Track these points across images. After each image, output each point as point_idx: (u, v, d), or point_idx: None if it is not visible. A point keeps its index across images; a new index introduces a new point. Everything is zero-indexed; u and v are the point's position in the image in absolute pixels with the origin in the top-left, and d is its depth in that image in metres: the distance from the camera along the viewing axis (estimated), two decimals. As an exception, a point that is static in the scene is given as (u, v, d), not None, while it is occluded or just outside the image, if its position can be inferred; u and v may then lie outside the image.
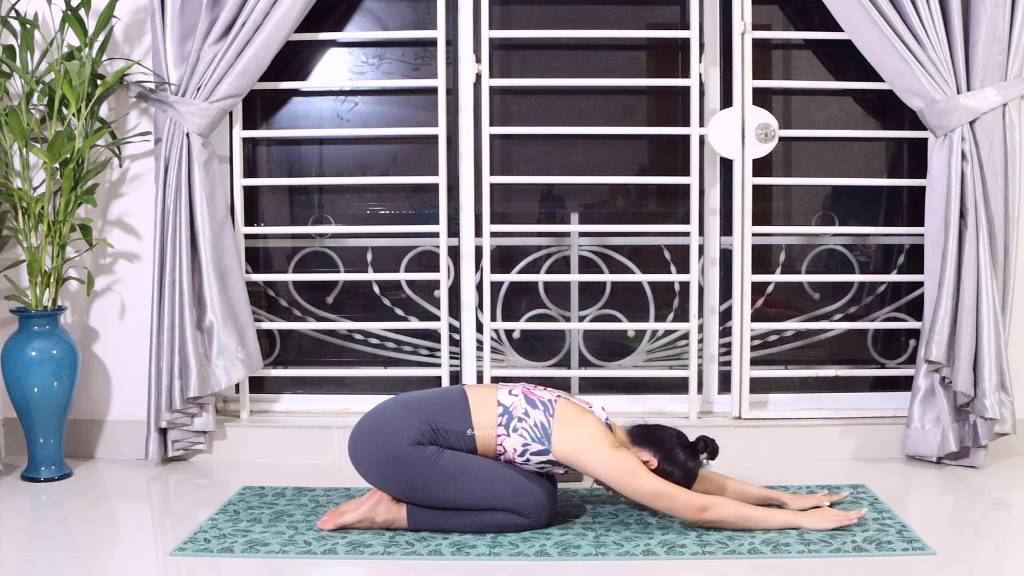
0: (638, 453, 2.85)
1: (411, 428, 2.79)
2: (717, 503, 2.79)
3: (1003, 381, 3.36)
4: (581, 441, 2.80)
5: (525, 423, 2.82)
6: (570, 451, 2.80)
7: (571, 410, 2.85)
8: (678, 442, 2.88)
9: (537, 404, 2.85)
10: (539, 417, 2.83)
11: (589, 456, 2.78)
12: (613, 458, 2.77)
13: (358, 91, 3.77)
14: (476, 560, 2.64)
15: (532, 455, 2.82)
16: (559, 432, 2.81)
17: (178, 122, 3.42)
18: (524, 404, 2.84)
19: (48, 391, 3.36)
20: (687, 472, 2.85)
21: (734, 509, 2.80)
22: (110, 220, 3.66)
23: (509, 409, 2.84)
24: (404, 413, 2.82)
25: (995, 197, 3.37)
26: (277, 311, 3.83)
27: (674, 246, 3.76)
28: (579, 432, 2.81)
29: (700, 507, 2.77)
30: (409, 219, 3.81)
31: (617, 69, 3.76)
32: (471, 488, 2.77)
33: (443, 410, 2.83)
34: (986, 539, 2.84)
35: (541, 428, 2.82)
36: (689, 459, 2.86)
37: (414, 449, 2.77)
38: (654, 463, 2.83)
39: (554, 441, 2.81)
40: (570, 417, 2.83)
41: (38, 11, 3.54)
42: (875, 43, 3.36)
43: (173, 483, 3.38)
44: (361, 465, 2.84)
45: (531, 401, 2.85)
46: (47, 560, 2.68)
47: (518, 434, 2.82)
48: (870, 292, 3.81)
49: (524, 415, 2.83)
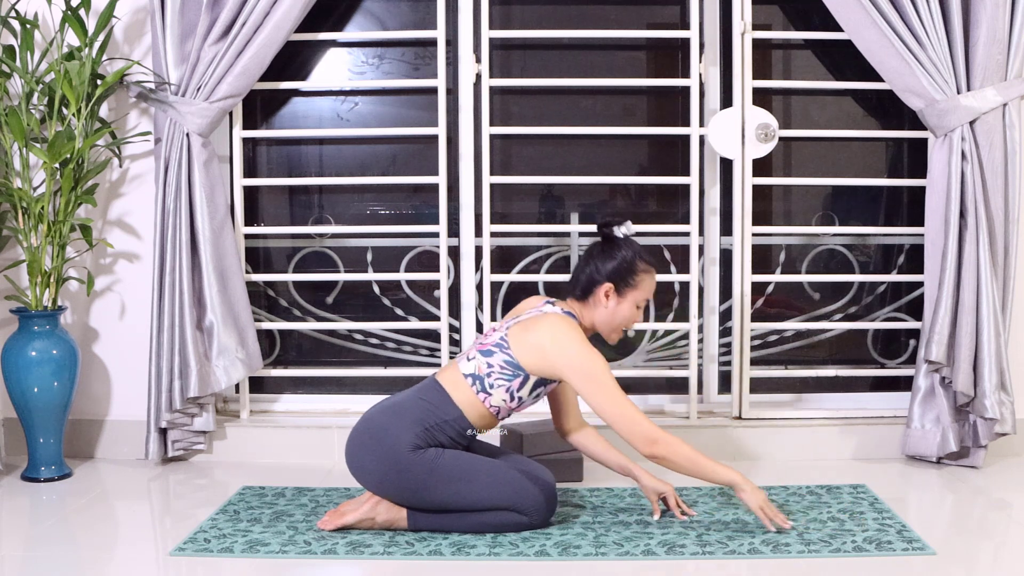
0: (599, 298, 2.86)
1: (406, 433, 2.78)
2: (670, 442, 2.74)
3: (1003, 381, 3.36)
4: (543, 344, 2.80)
5: (495, 373, 2.81)
6: (539, 361, 2.79)
7: (521, 327, 2.84)
8: (599, 254, 2.88)
9: (493, 349, 2.84)
10: (501, 358, 2.82)
11: (557, 358, 2.78)
12: (581, 359, 2.75)
13: (358, 91, 3.77)
14: (476, 560, 2.65)
15: (522, 392, 2.82)
16: (521, 352, 2.80)
17: (178, 122, 3.42)
18: (483, 359, 2.84)
19: (48, 391, 3.36)
20: (629, 257, 2.86)
21: (686, 452, 2.75)
22: (110, 220, 3.66)
23: (475, 374, 2.83)
24: (394, 419, 2.81)
25: (995, 197, 3.37)
26: (277, 311, 3.83)
27: (674, 246, 3.76)
28: (538, 337, 2.80)
29: (652, 439, 2.73)
30: (409, 219, 3.81)
31: (617, 69, 3.76)
32: (471, 489, 2.77)
33: (427, 406, 2.82)
34: (986, 539, 2.84)
35: (510, 365, 2.81)
36: (616, 250, 2.86)
37: (414, 455, 2.76)
38: (611, 287, 2.85)
39: (524, 364, 2.80)
40: (523, 333, 2.83)
41: (38, 11, 3.54)
42: (875, 43, 3.36)
43: (173, 483, 3.38)
44: (364, 478, 2.83)
45: (487, 352, 2.84)
46: (47, 560, 2.68)
47: (497, 387, 2.81)
48: (870, 292, 3.81)
49: (489, 367, 2.82)
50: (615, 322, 2.90)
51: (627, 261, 2.87)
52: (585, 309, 2.91)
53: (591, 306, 2.90)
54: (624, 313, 2.89)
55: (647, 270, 2.90)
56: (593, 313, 2.90)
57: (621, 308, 2.88)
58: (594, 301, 2.89)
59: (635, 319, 2.92)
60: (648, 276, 2.90)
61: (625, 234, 2.90)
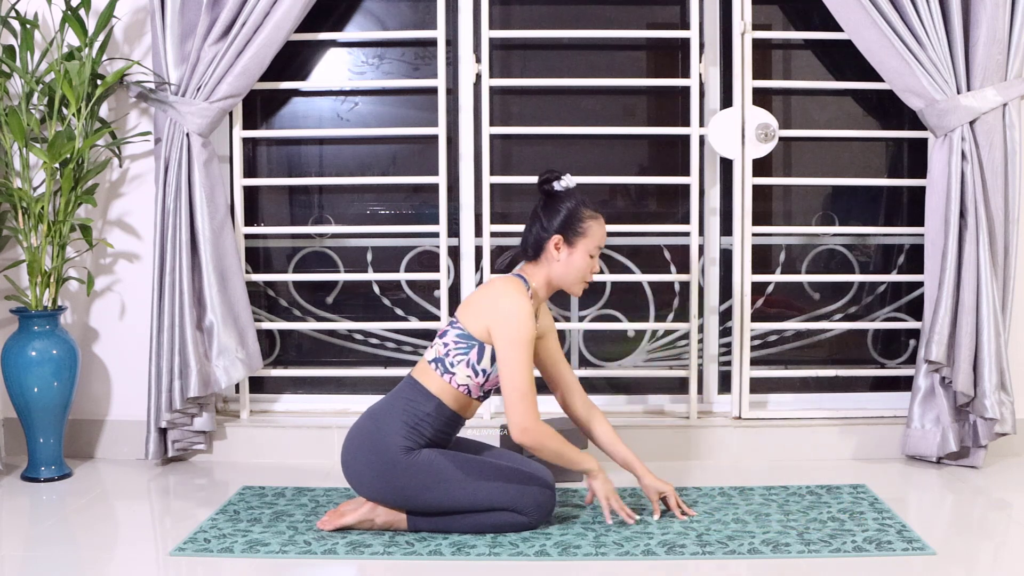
0: (551, 253, 2.87)
1: (394, 435, 2.78)
2: (539, 437, 2.78)
3: (1003, 381, 3.36)
4: (482, 305, 2.83)
5: (451, 350, 2.83)
6: (481, 325, 2.82)
7: (468, 299, 2.90)
8: (543, 210, 2.89)
9: (447, 330, 2.87)
10: (454, 334, 2.85)
11: (489, 315, 2.81)
12: (509, 320, 2.78)
13: (358, 91, 3.77)
14: (476, 560, 2.65)
15: (482, 363, 2.82)
16: (468, 321, 2.83)
17: (178, 122, 3.42)
18: (439, 341, 2.87)
19: (48, 391, 3.36)
20: (573, 207, 2.87)
21: (553, 447, 2.81)
22: (110, 220, 3.66)
23: (437, 358, 2.85)
24: (380, 424, 2.82)
25: (995, 197, 3.37)
26: (277, 311, 3.83)
27: (674, 246, 3.76)
28: (478, 299, 2.85)
29: (524, 428, 2.77)
30: (409, 219, 3.81)
31: (617, 69, 3.76)
32: (469, 490, 2.77)
33: (406, 403, 2.83)
34: (986, 539, 2.84)
35: (462, 338, 2.83)
36: (559, 203, 2.87)
37: (408, 458, 2.77)
38: (559, 239, 2.86)
39: (472, 332, 2.82)
40: (469, 303, 2.87)
41: (38, 11, 3.54)
42: (875, 43, 3.36)
43: (173, 483, 3.38)
44: (360, 487, 2.83)
45: (443, 334, 2.88)
46: (47, 560, 2.68)
47: (457, 364, 2.83)
48: (870, 292, 3.81)
49: (445, 347, 2.85)
50: (572, 274, 2.90)
51: (571, 211, 2.88)
52: (539, 268, 2.92)
53: (545, 263, 2.91)
54: (579, 263, 2.89)
55: (593, 216, 2.90)
56: (549, 269, 2.91)
57: (574, 259, 2.88)
58: (546, 257, 2.90)
59: (592, 268, 2.92)
60: (595, 223, 2.90)
61: (566, 186, 2.91)
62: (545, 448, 2.81)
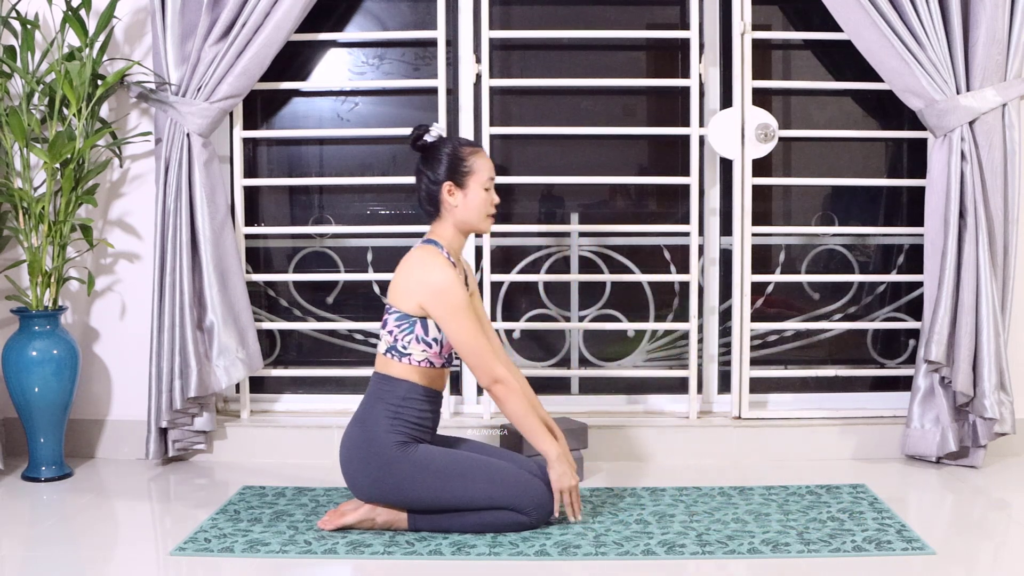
0: (447, 201, 2.88)
1: (382, 430, 2.79)
2: (511, 388, 2.81)
3: (1002, 381, 3.36)
4: (406, 283, 2.84)
5: (396, 333, 2.85)
6: (411, 300, 2.83)
7: (392, 281, 2.90)
8: (425, 165, 2.92)
9: (386, 318, 2.89)
10: (393, 318, 2.87)
11: (417, 289, 2.82)
12: (436, 286, 2.79)
13: (358, 91, 3.77)
14: (476, 560, 2.65)
15: (429, 335, 2.83)
16: (399, 301, 2.85)
17: (178, 122, 3.43)
18: (384, 331, 2.88)
19: (48, 391, 3.36)
20: (450, 150, 2.89)
21: (522, 407, 2.82)
22: (110, 220, 3.66)
23: (388, 347, 2.87)
24: (366, 425, 2.83)
25: (995, 197, 3.38)
26: (277, 311, 3.83)
27: (674, 246, 3.77)
28: (400, 279, 2.86)
29: (496, 378, 2.80)
30: (409, 219, 3.81)
31: (617, 69, 3.76)
32: (469, 487, 2.77)
33: (380, 396, 2.84)
34: (986, 539, 2.84)
35: (401, 319, 2.84)
36: (436, 152, 2.90)
37: (402, 453, 2.77)
38: (450, 184, 2.87)
39: (406, 310, 2.84)
40: (393, 285, 2.88)
41: (39, 11, 3.54)
42: (875, 43, 3.36)
43: (173, 483, 3.38)
44: (362, 491, 2.83)
45: (384, 323, 2.89)
46: (47, 560, 2.68)
47: (409, 344, 2.84)
48: (870, 292, 3.81)
49: (390, 333, 2.86)
50: (473, 212, 2.90)
51: (451, 155, 2.90)
52: (443, 222, 2.93)
53: (446, 214, 2.92)
54: (476, 201, 2.90)
55: (473, 152, 2.92)
56: (452, 218, 2.91)
57: (470, 198, 2.89)
58: (445, 208, 2.91)
59: (492, 200, 2.93)
60: (476, 156, 2.91)
61: (438, 134, 2.93)
62: (509, 404, 2.82)
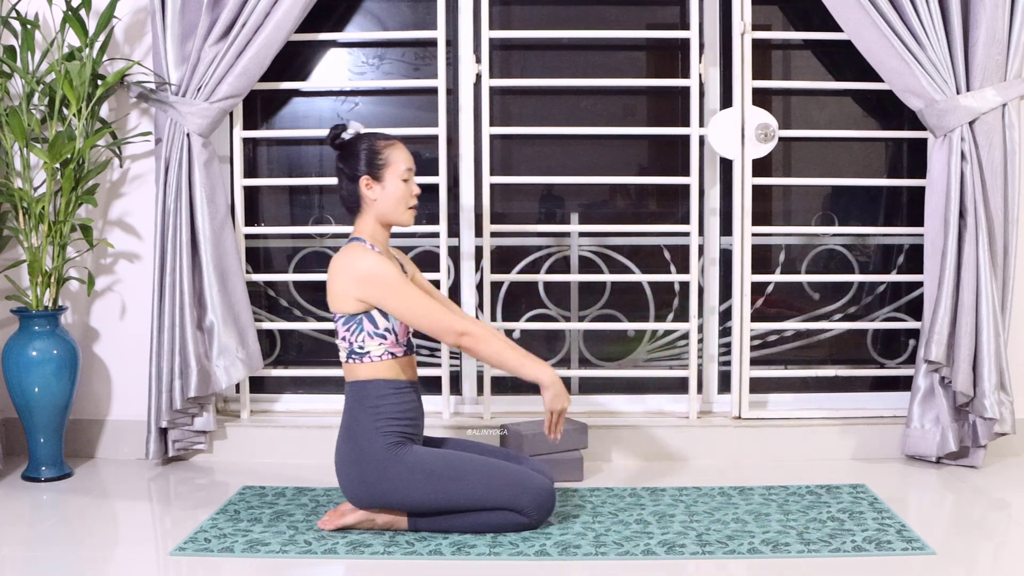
0: (366, 195, 2.88)
1: (369, 435, 2.78)
2: (479, 335, 2.81)
3: (1002, 381, 3.37)
4: (339, 286, 2.83)
5: (350, 338, 2.84)
6: (350, 300, 2.82)
7: (329, 292, 2.89)
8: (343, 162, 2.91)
9: (334, 328, 2.90)
10: (340, 324, 2.86)
11: (353, 287, 2.81)
12: (369, 274, 2.78)
13: (358, 91, 3.77)
14: (476, 560, 2.65)
15: (378, 324, 2.83)
16: (340, 305, 2.84)
17: (178, 122, 3.43)
18: (339, 341, 2.88)
19: (48, 391, 3.36)
20: (366, 145, 2.89)
21: (497, 346, 2.83)
22: (111, 220, 3.66)
23: (347, 353, 2.86)
24: (352, 435, 2.82)
25: (995, 197, 3.38)
26: (277, 311, 3.83)
27: (674, 246, 3.77)
28: (333, 285, 2.84)
29: (460, 331, 2.80)
30: (409, 219, 3.81)
31: (617, 69, 3.77)
32: (467, 487, 2.77)
33: (357, 403, 2.83)
34: (986, 539, 2.84)
35: (348, 322, 2.84)
36: (352, 148, 2.89)
37: (396, 453, 2.77)
38: (367, 178, 2.87)
39: (350, 310, 2.83)
40: (329, 292, 2.87)
41: (39, 11, 3.54)
42: (875, 43, 3.36)
43: (173, 483, 3.39)
44: (361, 501, 2.82)
45: (335, 334, 2.91)
46: (47, 560, 2.68)
47: (364, 342, 2.84)
48: (870, 292, 3.81)
49: (343, 339, 2.86)
50: (392, 204, 2.89)
51: (367, 149, 2.90)
52: (365, 217, 2.92)
53: (367, 209, 2.91)
54: (394, 192, 2.89)
55: (388, 145, 2.92)
56: (373, 212, 2.90)
57: (388, 190, 2.89)
58: (365, 203, 2.90)
59: (412, 191, 2.92)
60: (392, 149, 2.91)
61: (355, 131, 2.94)
62: (484, 349, 2.81)
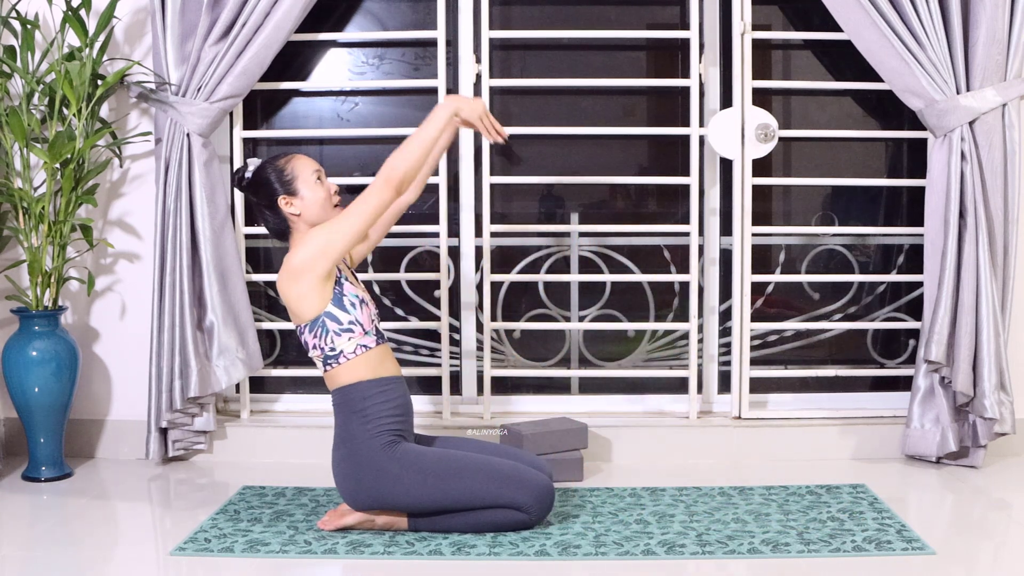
0: (289, 214, 2.89)
1: (362, 439, 2.78)
2: (390, 160, 2.80)
3: (1002, 381, 3.37)
4: (289, 291, 2.82)
5: (320, 344, 2.84)
6: (309, 307, 2.81)
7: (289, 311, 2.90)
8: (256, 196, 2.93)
9: (302, 341, 2.88)
10: (306, 334, 2.85)
11: (301, 288, 2.80)
12: (300, 260, 2.78)
13: (358, 91, 3.77)
14: (476, 560, 2.65)
15: (343, 321, 2.82)
16: (300, 312, 2.83)
17: (178, 122, 3.43)
18: (312, 352, 2.87)
19: (48, 391, 3.36)
20: (268, 171, 2.90)
21: (408, 146, 2.82)
22: (111, 220, 3.66)
23: (322, 360, 2.85)
24: (346, 442, 2.81)
25: (995, 197, 3.38)
26: (277, 311, 3.83)
27: (674, 246, 3.77)
28: (288, 300, 2.84)
29: (385, 178, 2.79)
30: (409, 219, 3.81)
31: (617, 69, 3.77)
32: (467, 486, 2.76)
33: (345, 409, 2.82)
34: (986, 539, 2.84)
35: (311, 326, 2.83)
36: (259, 180, 2.91)
37: (392, 453, 2.77)
38: (284, 198, 2.88)
39: (308, 315, 2.82)
40: (289, 306, 2.87)
41: (39, 11, 3.54)
42: (875, 43, 3.36)
43: (173, 483, 3.39)
44: (361, 505, 2.81)
45: (305, 346, 2.88)
46: (47, 560, 2.68)
47: (335, 344, 2.82)
48: (870, 292, 3.81)
49: (314, 347, 2.85)
50: (316, 208, 2.89)
51: (271, 173, 2.90)
52: (296, 233, 2.92)
53: (297, 226, 2.91)
54: (312, 197, 2.89)
55: (287, 159, 2.93)
56: (301, 223, 2.90)
57: (307, 199, 2.89)
58: (293, 221, 2.91)
59: (326, 189, 2.92)
60: (292, 161, 2.93)
61: (255, 166, 2.95)
62: (406, 158, 2.81)
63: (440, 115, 2.88)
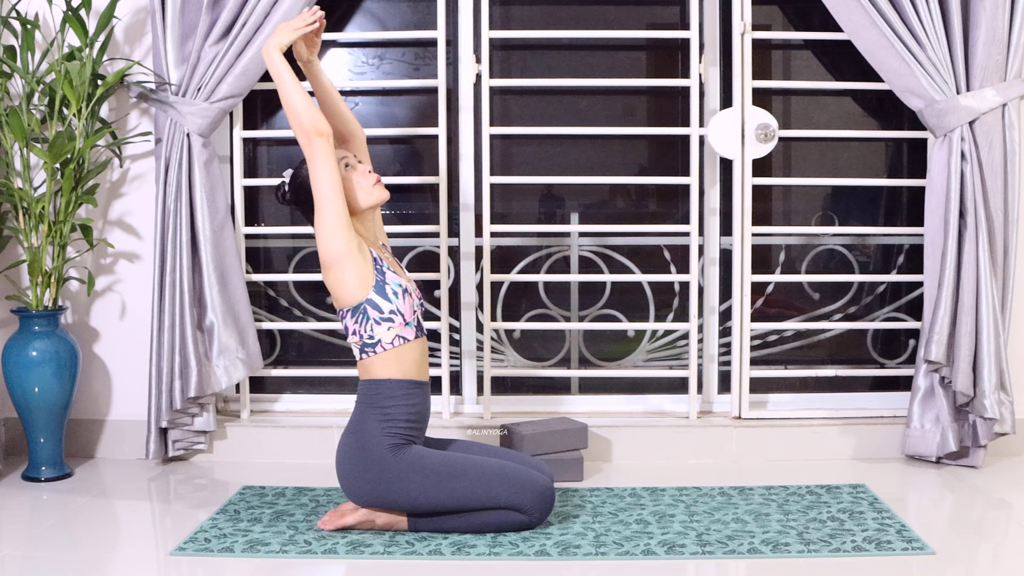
0: None
1: (374, 436, 2.78)
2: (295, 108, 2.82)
3: (1002, 381, 3.37)
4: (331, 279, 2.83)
5: (360, 331, 2.83)
6: (351, 293, 2.82)
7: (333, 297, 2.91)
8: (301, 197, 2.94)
9: (343, 326, 2.88)
10: (349, 321, 2.85)
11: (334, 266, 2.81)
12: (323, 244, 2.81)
13: (358, 91, 3.77)
14: (476, 560, 2.65)
15: (384, 310, 2.82)
16: (342, 300, 2.84)
17: (178, 122, 3.43)
18: (351, 338, 2.87)
19: (48, 391, 3.36)
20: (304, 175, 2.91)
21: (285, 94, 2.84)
22: (111, 220, 3.66)
23: (360, 347, 2.85)
24: (358, 433, 2.81)
25: (994, 197, 3.38)
26: (277, 311, 3.83)
27: (674, 246, 3.77)
28: (328, 281, 2.85)
29: (301, 134, 2.80)
30: (409, 219, 3.81)
31: (617, 69, 3.77)
32: (467, 487, 2.76)
33: (369, 402, 2.82)
34: (986, 539, 2.84)
35: (353, 312, 2.83)
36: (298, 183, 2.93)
37: (396, 456, 2.77)
38: None
39: (353, 301, 2.83)
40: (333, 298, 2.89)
41: (39, 11, 3.54)
42: (875, 43, 3.36)
43: (173, 483, 3.39)
44: (360, 500, 2.82)
45: (344, 331, 2.88)
46: (47, 560, 2.68)
47: (374, 332, 2.82)
48: (870, 292, 3.81)
49: (355, 334, 2.85)
50: (352, 195, 2.90)
51: (306, 175, 2.90)
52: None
53: None
54: (348, 184, 2.90)
55: None
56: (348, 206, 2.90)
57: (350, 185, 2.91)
58: None
59: (361, 171, 2.92)
60: None
61: (290, 176, 2.97)
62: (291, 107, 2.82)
63: (270, 60, 2.87)
